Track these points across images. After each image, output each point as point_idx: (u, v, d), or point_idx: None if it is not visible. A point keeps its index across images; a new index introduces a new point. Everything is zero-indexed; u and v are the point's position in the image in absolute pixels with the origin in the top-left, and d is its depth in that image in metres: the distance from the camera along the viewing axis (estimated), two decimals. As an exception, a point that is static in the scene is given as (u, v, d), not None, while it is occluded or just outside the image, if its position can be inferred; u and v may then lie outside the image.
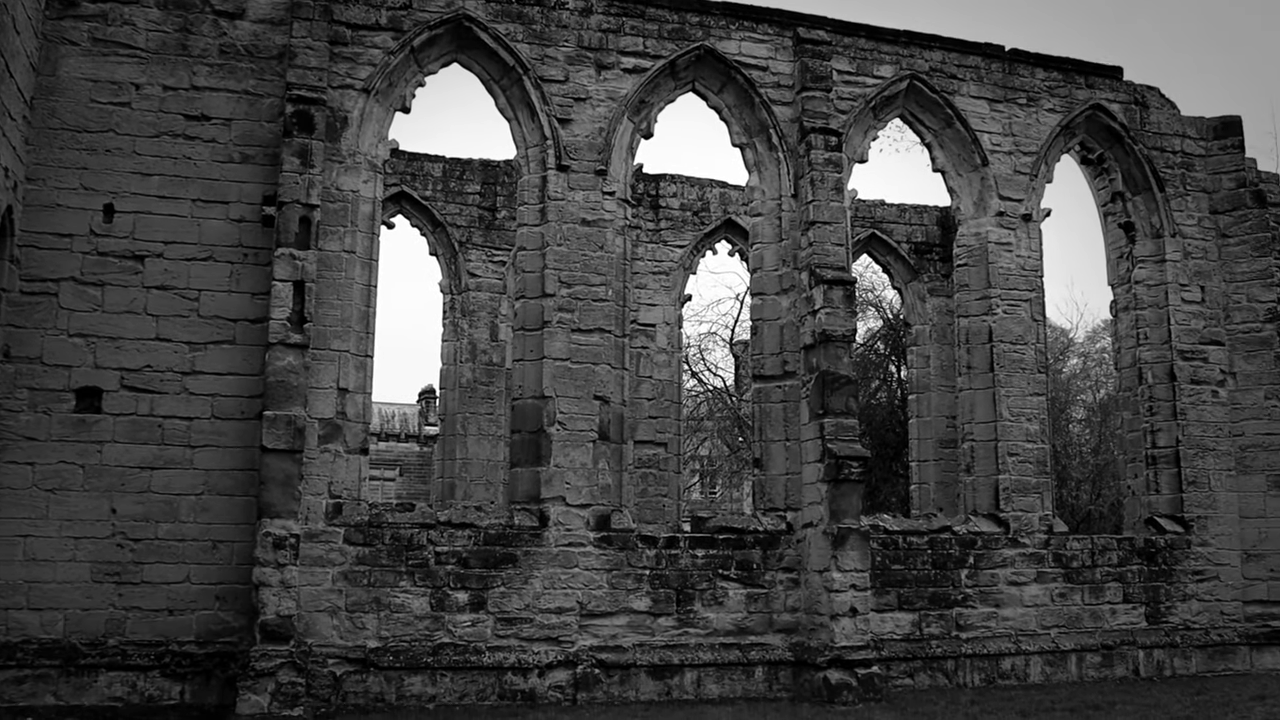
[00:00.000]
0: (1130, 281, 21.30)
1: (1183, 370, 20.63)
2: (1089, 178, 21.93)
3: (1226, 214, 21.49)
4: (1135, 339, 21.13)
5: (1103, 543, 19.71)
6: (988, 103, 20.05)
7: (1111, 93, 21.05)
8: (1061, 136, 20.70)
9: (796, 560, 17.52)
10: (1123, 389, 21.81)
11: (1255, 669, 19.73)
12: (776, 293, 18.54)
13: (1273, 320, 21.04)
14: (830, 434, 17.02)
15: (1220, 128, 21.84)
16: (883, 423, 33.43)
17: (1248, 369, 20.96)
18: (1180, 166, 21.37)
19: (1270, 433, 20.58)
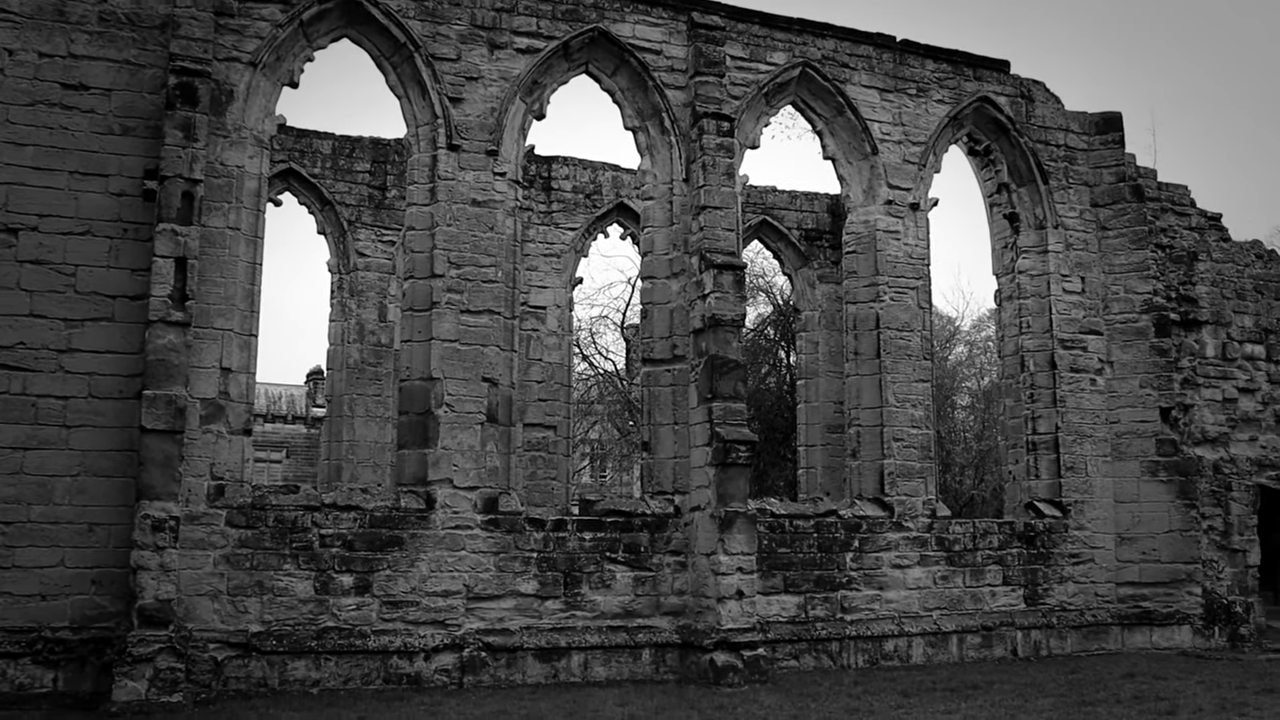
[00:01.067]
0: (1014, 271, 21.72)
1: (1063, 359, 21.10)
2: (976, 169, 22.31)
3: (1107, 207, 22.00)
4: (1018, 328, 21.56)
5: (984, 527, 20.12)
6: (878, 92, 20.26)
7: (999, 85, 21.41)
8: (950, 127, 21.00)
9: (684, 543, 17.60)
10: (1005, 376, 22.25)
11: (1126, 648, 20.31)
12: (667, 276, 18.58)
13: (1149, 311, 21.62)
14: (719, 418, 17.11)
15: (1102, 123, 22.34)
16: (771, 407, 33.73)
17: (1124, 358, 21.51)
18: (1063, 160, 21.82)
19: (1144, 420, 21.16)
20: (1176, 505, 20.83)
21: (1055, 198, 21.57)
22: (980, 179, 22.32)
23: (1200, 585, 20.81)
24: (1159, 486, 20.91)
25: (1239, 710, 13.18)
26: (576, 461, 41.57)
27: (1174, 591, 20.63)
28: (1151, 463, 20.99)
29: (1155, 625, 20.54)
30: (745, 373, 18.21)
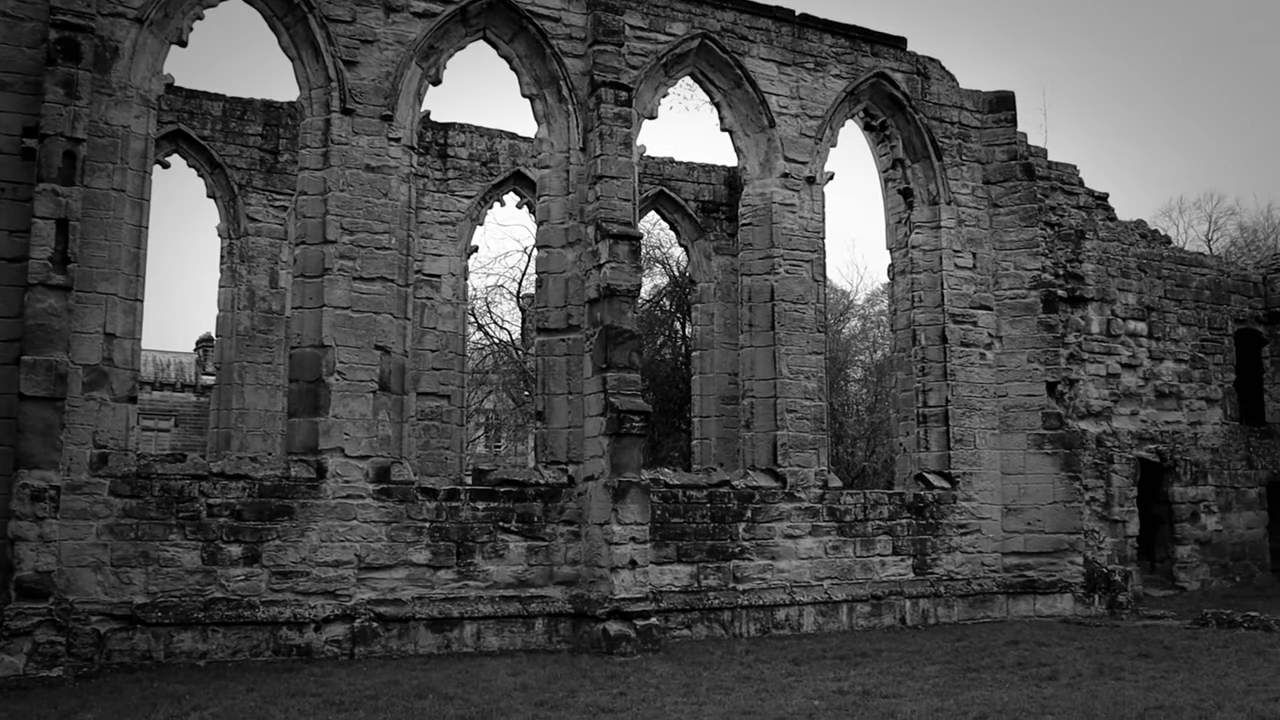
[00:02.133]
0: (907, 246, 21.98)
1: (954, 333, 21.44)
2: (871, 144, 22.51)
3: (998, 184, 22.36)
4: (911, 302, 21.84)
5: (875, 497, 20.40)
6: (777, 65, 20.33)
7: (896, 62, 21.60)
8: (847, 102, 21.16)
9: (578, 513, 17.60)
10: (897, 350, 22.54)
11: (1011, 616, 20.77)
12: (563, 246, 18.49)
13: (1037, 288, 22.03)
14: (613, 388, 17.11)
15: (995, 102, 22.67)
16: (666, 378, 33.83)
17: (1013, 333, 21.91)
18: (957, 137, 22.11)
19: (1031, 394, 21.60)
20: (1061, 477, 21.32)
21: (949, 174, 21.86)
22: (876, 154, 22.53)
23: (1082, 555, 21.34)
24: (1044, 459, 21.37)
25: (1115, 675, 13.53)
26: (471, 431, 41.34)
27: (1057, 561, 21.12)
28: (1038, 436, 21.43)
29: (1039, 594, 21.03)
30: (640, 343, 18.23)
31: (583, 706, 11.75)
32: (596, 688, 13.04)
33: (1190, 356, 27.64)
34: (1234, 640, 16.69)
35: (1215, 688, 12.42)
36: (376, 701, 11.98)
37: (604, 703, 11.98)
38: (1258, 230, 56.17)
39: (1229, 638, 17.03)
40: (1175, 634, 17.75)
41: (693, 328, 27.33)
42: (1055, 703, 11.62)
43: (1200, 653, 15.39)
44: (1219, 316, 28.65)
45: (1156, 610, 21.51)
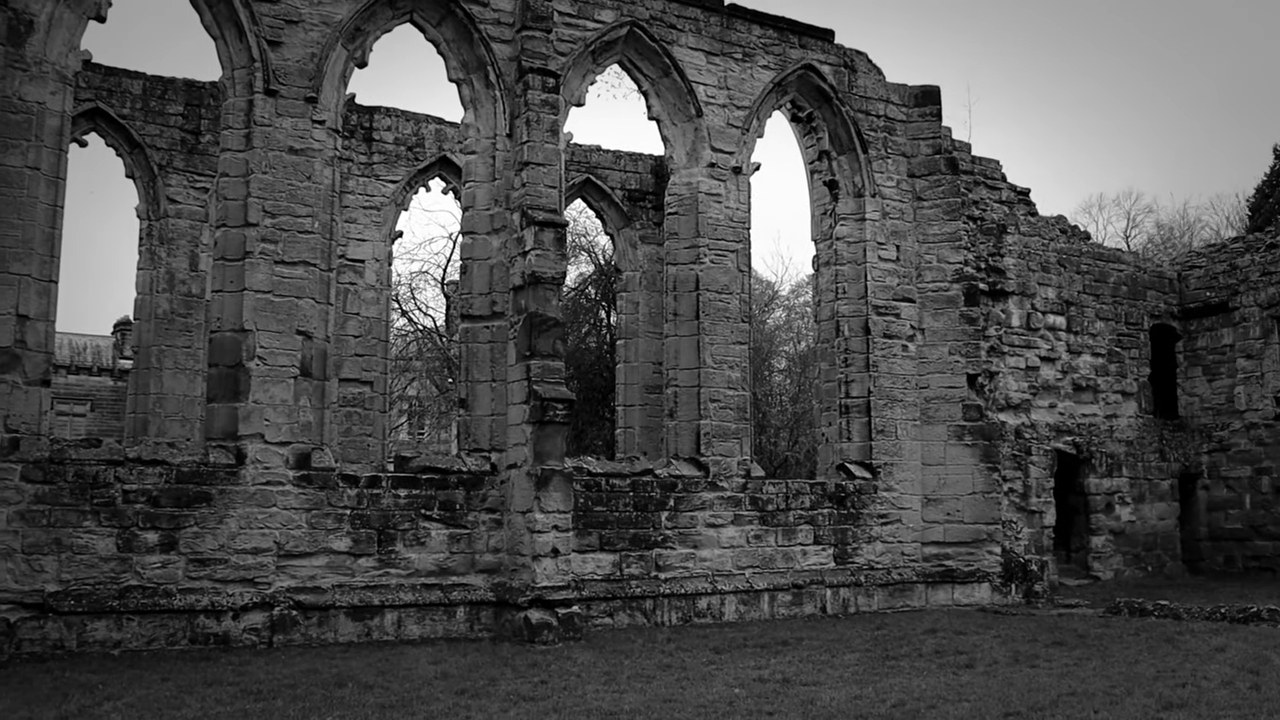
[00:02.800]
0: (832, 238, 22.11)
1: (877, 325, 21.60)
2: (798, 135, 22.60)
3: (923, 178, 22.55)
4: (834, 293, 21.98)
5: (797, 487, 20.53)
6: (705, 55, 20.34)
7: (823, 54, 21.69)
8: (774, 93, 21.23)
9: (500, 501, 17.53)
10: (821, 341, 22.68)
11: (930, 605, 21.02)
12: (488, 232, 18.38)
13: (959, 281, 22.27)
14: (537, 376, 17.05)
15: (921, 96, 22.86)
16: (591, 367, 33.82)
17: (935, 326, 22.13)
18: (883, 130, 22.26)
19: (952, 386, 21.83)
20: (980, 468, 21.58)
21: (874, 167, 22.00)
22: (802, 146, 22.62)
23: (1000, 545, 21.63)
24: (964, 450, 21.62)
25: (1030, 662, 13.73)
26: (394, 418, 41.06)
27: (975, 551, 21.39)
28: (958, 427, 21.68)
29: (957, 583, 21.29)
30: (565, 331, 18.19)
31: (504, 695, 11.72)
32: (518, 676, 13.01)
33: (1107, 351, 28.13)
34: (1145, 628, 17.01)
35: (1126, 674, 12.65)
36: (295, 690, 11.86)
37: (525, 691, 11.95)
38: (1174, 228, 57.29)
39: (1140, 626, 17.36)
40: (1089, 622, 18.05)
41: (618, 316, 27.31)
42: (971, 690, 11.77)
43: (1113, 640, 15.67)
44: (1135, 312, 29.17)
45: (1071, 599, 21.88)
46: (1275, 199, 43.56)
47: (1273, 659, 13.52)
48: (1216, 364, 29.89)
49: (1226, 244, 32.43)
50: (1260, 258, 29.56)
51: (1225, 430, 29.43)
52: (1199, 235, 54.09)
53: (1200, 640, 15.49)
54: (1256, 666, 13.00)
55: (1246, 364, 29.19)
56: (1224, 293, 29.76)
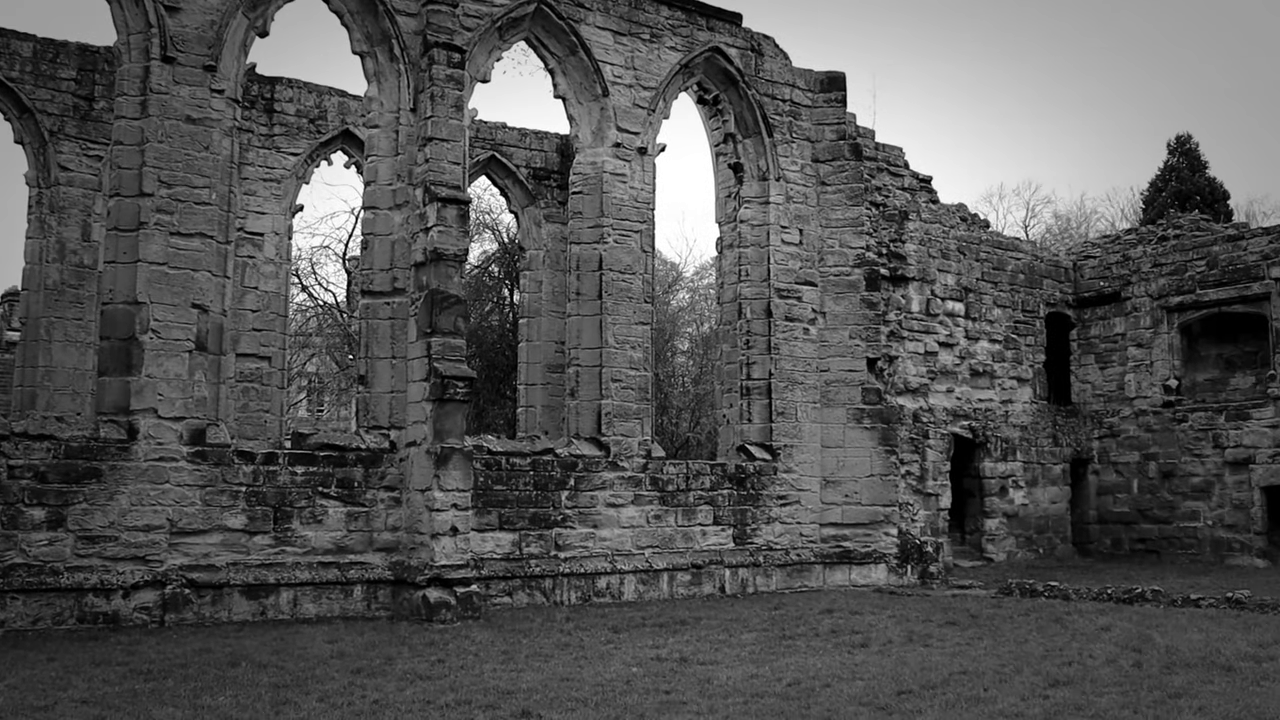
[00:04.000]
0: (736, 220, 22.20)
1: (779, 308, 21.75)
2: (704, 117, 22.65)
3: (827, 163, 22.73)
4: (737, 276, 22.09)
5: (697, 468, 20.63)
6: (612, 34, 20.26)
7: (730, 37, 21.73)
8: (681, 75, 21.23)
9: (399, 479, 17.38)
10: (723, 323, 22.79)
11: (827, 586, 21.26)
12: (390, 208, 18.16)
13: (861, 266, 22.49)
14: (437, 353, 16.92)
15: (826, 82, 23.01)
16: (493, 345, 33.68)
17: (836, 309, 22.34)
18: (788, 115, 22.38)
19: (852, 369, 22.06)
20: (878, 451, 21.86)
21: (779, 151, 22.12)
22: (708, 128, 22.68)
23: (896, 526, 21.94)
24: (863, 433, 21.87)
25: (924, 642, 13.95)
26: (293, 394, 40.51)
27: (872, 532, 21.67)
28: (857, 410, 21.92)
29: (854, 564, 21.56)
30: (466, 309, 18.06)
31: (400, 674, 11.63)
32: (415, 655, 12.93)
33: (1004, 337, 28.61)
34: (1035, 609, 17.36)
35: (1016, 653, 12.91)
36: (187, 670, 11.66)
37: (422, 670, 11.88)
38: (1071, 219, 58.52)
39: (1031, 606, 17.72)
40: (982, 603, 18.38)
41: (521, 295, 27.19)
42: (866, 669, 11.92)
43: (1004, 620, 15.97)
44: (1032, 300, 29.70)
45: (965, 580, 22.27)
46: (1168, 193, 44.62)
47: (1155, 638, 13.88)
48: (1109, 352, 30.55)
49: (1120, 235, 33.16)
50: (1152, 249, 30.24)
51: (1116, 417, 30.10)
52: (1095, 226, 55.31)
53: (1087, 620, 15.85)
54: (1139, 645, 13.34)
55: (1137, 353, 29.87)
56: (1117, 283, 30.40)
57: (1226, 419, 28.11)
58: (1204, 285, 28.83)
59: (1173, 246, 29.93)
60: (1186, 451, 28.70)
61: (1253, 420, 27.63)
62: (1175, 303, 29.32)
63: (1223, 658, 12.36)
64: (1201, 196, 43.81)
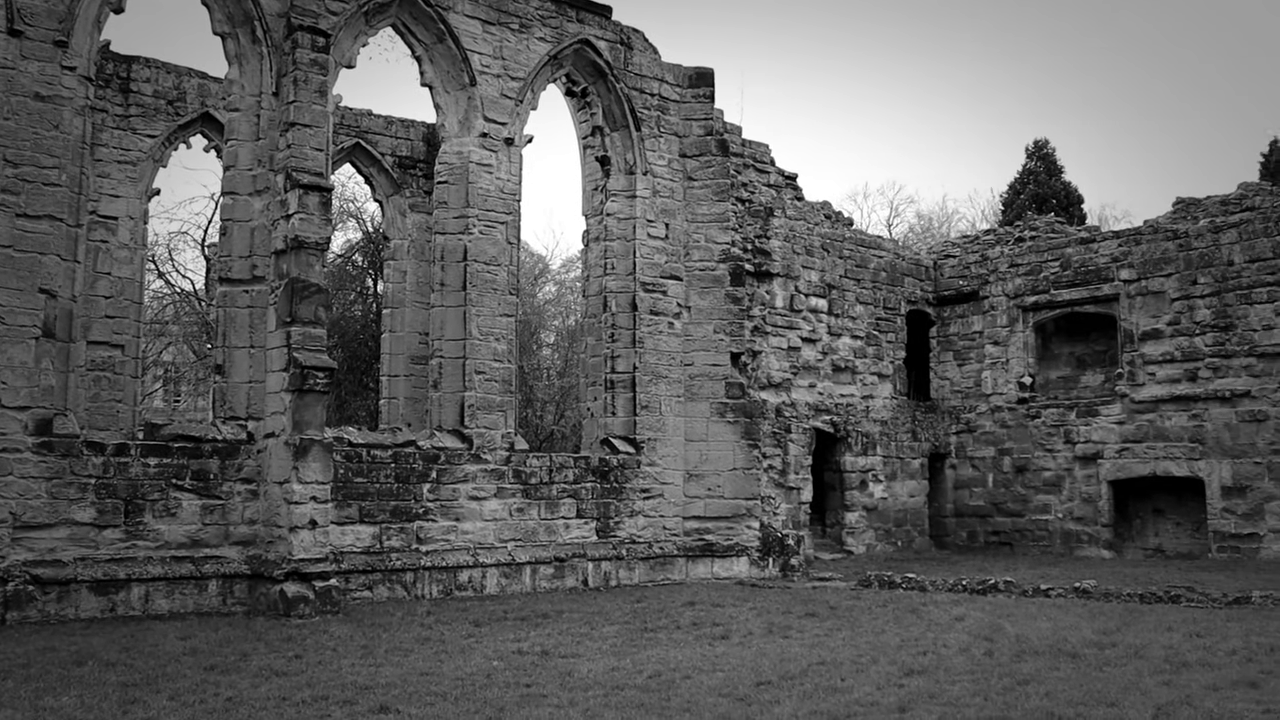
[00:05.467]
0: (603, 214, 22.19)
1: (644, 301, 21.79)
2: (572, 110, 22.58)
3: (694, 158, 22.82)
4: (603, 269, 22.07)
5: (560, 461, 20.57)
6: (481, 23, 20.06)
7: (600, 30, 21.68)
8: (550, 66, 21.13)
9: (257, 471, 17.00)
10: (589, 316, 22.75)
11: (690, 578, 21.36)
12: (250, 193, 17.74)
13: (726, 261, 22.64)
14: (297, 343, 16.59)
15: (695, 77, 23.11)
16: (356, 336, 33.22)
17: (701, 304, 22.46)
18: (657, 109, 22.42)
19: (716, 364, 22.21)
20: (741, 445, 22.03)
21: (646, 145, 22.15)
22: (576, 120, 22.61)
23: (758, 520, 22.14)
24: (726, 427, 22.02)
25: (784, 633, 14.09)
26: (148, 384, 39.43)
27: (735, 525, 21.84)
28: (721, 404, 22.07)
29: (717, 557, 21.70)
30: (328, 298, 17.76)
31: (255, 670, 11.37)
32: (271, 650, 12.66)
33: (866, 334, 29.10)
34: (893, 600, 17.69)
35: (873, 643, 13.12)
36: (29, 670, 11.23)
37: (278, 666, 11.63)
38: (933, 218, 59.80)
39: (889, 598, 18.04)
40: (841, 595, 18.66)
41: (385, 285, 26.81)
42: (726, 660, 12.00)
43: (862, 612, 16.22)
44: (894, 297, 30.26)
45: (826, 573, 22.57)
46: (1026, 196, 45.88)
47: (1006, 627, 14.24)
48: (967, 349, 31.29)
49: (979, 236, 34.00)
50: (1009, 250, 31.05)
51: (972, 413, 30.84)
52: (956, 227, 56.59)
53: (942, 611, 16.19)
54: (991, 634, 13.68)
55: (994, 350, 30.65)
56: (975, 282, 31.14)
57: (1077, 415, 29.00)
58: (1058, 286, 29.69)
59: (1029, 248, 30.77)
60: (1039, 447, 29.55)
61: (1102, 417, 28.56)
62: (1030, 302, 30.14)
63: (1069, 645, 12.76)
64: (1058, 200, 45.16)
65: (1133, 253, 28.51)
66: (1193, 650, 12.43)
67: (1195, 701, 9.67)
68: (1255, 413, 26.18)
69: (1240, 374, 26.55)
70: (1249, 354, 26.43)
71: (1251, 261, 26.61)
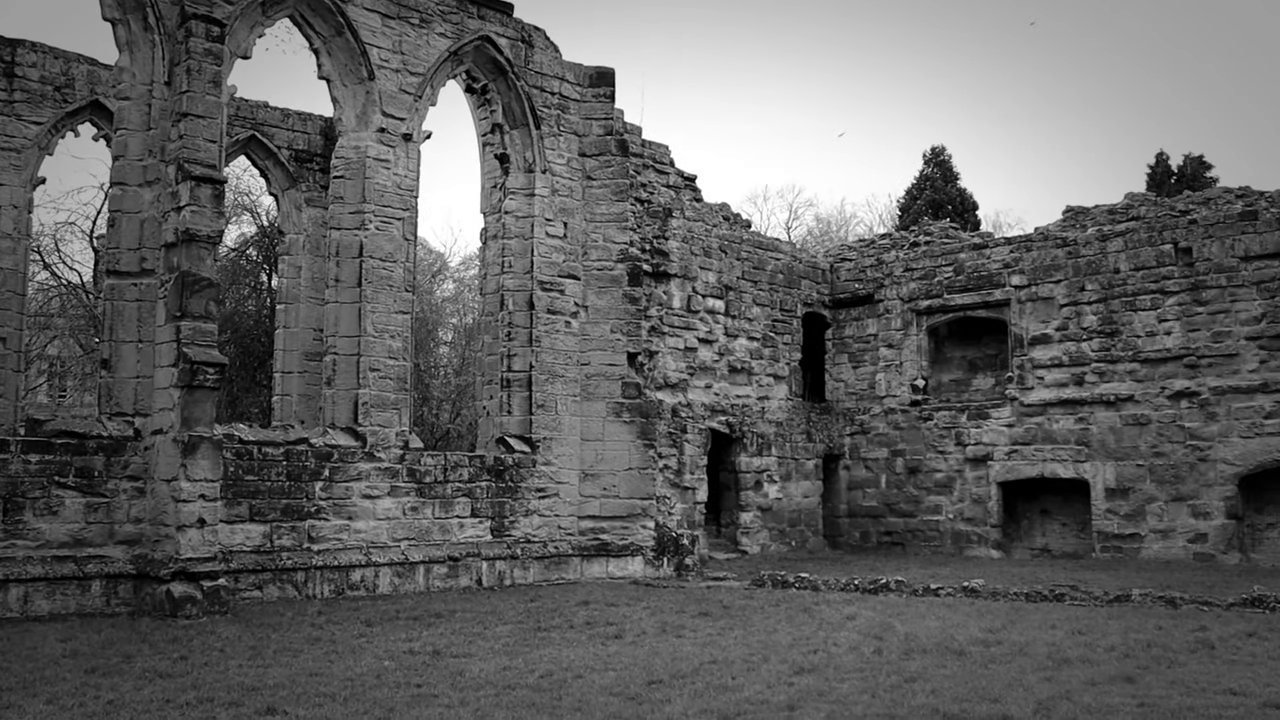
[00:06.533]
0: (501, 211, 22.09)
1: (541, 300, 21.74)
2: (472, 107, 22.46)
3: (593, 158, 22.82)
4: (501, 267, 21.98)
5: (455, 459, 20.44)
6: (380, 17, 19.86)
7: (501, 27, 21.58)
8: (450, 62, 20.99)
9: (144, 468, 16.65)
10: (485, 314, 22.65)
11: (585, 578, 21.37)
12: (140, 184, 17.37)
13: (624, 261, 22.67)
14: (187, 338, 16.27)
15: (596, 76, 23.10)
16: (249, 331, 32.71)
17: (599, 304, 22.46)
18: (557, 108, 22.38)
19: (613, 364, 22.23)
20: (637, 445, 22.08)
21: (546, 143, 22.10)
22: (476, 118, 22.50)
23: (654, 519, 22.21)
24: (622, 427, 22.05)
25: (677, 633, 14.15)
26: (32, 378, 38.43)
27: (630, 525, 21.88)
28: (617, 404, 22.09)
29: (612, 556, 21.72)
30: (219, 293, 17.46)
31: (139, 672, 11.14)
32: (156, 652, 12.41)
33: (762, 335, 29.33)
34: (786, 599, 17.85)
35: (765, 642, 13.23)
36: (-104, 674, 10.90)
37: (163, 668, 11.41)
38: (831, 222, 60.42)
39: (782, 597, 18.20)
40: (735, 594, 18.78)
41: (280, 280, 26.42)
42: (619, 659, 12.01)
43: (755, 611, 16.35)
44: (790, 299, 30.54)
45: (720, 572, 22.71)
46: (923, 201, 46.63)
47: (896, 626, 14.47)
48: (861, 352, 31.69)
49: (875, 240, 34.48)
50: (904, 254, 31.51)
51: (867, 414, 31.23)
52: (854, 230, 57.23)
53: (834, 610, 16.38)
54: (881, 633, 13.89)
55: (888, 353, 31.07)
56: (871, 285, 31.55)
57: (968, 418, 29.52)
58: (951, 290, 30.19)
59: (923, 252, 31.25)
60: (931, 448, 30.02)
61: (992, 419, 29.10)
62: (924, 306, 30.60)
63: (956, 643, 13.00)
64: (954, 206, 45.97)
65: (1024, 259, 29.08)
66: (1074, 647, 12.74)
67: (1074, 697, 9.93)
68: (1138, 416, 26.85)
69: (1125, 379, 27.22)
70: (1133, 359, 27.10)
71: (1136, 270, 27.29)
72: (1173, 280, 26.75)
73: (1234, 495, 25.64)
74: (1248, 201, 27.24)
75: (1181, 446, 26.31)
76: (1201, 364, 26.22)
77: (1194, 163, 44.95)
